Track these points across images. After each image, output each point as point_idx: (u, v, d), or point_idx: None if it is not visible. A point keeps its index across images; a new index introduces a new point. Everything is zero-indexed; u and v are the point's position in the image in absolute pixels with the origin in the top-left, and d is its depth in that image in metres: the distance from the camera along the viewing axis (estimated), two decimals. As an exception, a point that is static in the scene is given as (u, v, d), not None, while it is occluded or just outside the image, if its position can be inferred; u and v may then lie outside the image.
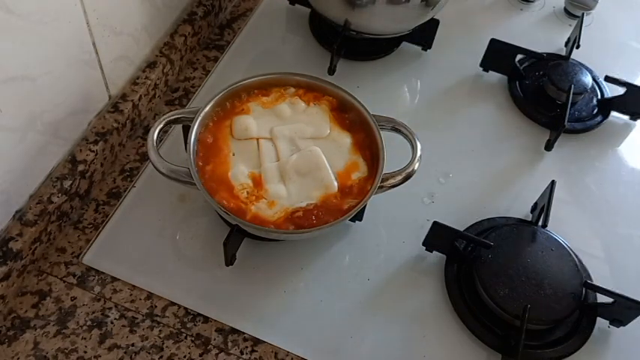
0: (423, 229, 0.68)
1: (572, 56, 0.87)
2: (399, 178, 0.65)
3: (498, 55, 0.85)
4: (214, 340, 0.62)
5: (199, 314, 0.64)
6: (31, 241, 0.62)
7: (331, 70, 0.83)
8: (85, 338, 0.61)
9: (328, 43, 0.86)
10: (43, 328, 0.61)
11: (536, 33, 0.94)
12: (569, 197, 0.76)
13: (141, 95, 0.75)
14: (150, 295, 0.64)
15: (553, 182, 0.71)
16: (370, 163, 0.66)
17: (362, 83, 0.84)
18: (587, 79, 0.83)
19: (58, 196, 0.65)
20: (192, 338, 0.62)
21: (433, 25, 0.85)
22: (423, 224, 0.70)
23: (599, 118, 0.84)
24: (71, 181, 0.66)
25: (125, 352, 0.61)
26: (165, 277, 0.65)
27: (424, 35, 0.87)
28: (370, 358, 0.63)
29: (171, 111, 0.67)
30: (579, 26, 0.87)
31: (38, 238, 0.63)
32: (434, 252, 0.69)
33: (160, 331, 0.62)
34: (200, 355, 0.61)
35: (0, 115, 0.56)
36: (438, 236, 0.67)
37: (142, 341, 0.61)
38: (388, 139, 0.67)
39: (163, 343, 0.62)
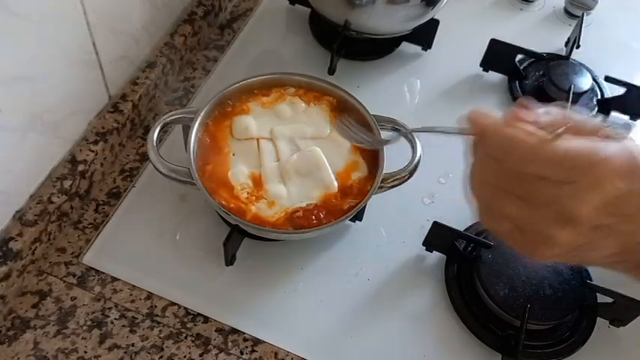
0: (423, 229, 0.68)
1: (572, 56, 0.87)
2: (399, 178, 0.65)
3: (498, 55, 0.85)
4: (214, 340, 0.62)
5: (199, 314, 0.64)
6: (31, 241, 0.62)
7: (331, 70, 0.83)
8: (85, 338, 0.61)
9: (328, 43, 0.86)
10: (43, 328, 0.61)
11: (536, 33, 0.94)
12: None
13: (141, 95, 0.75)
14: (150, 295, 0.64)
15: (553, 182, 0.71)
16: (370, 163, 0.66)
17: (362, 83, 0.84)
18: (587, 79, 0.83)
19: (58, 196, 0.65)
20: (192, 338, 0.62)
21: (433, 25, 0.85)
22: (423, 224, 0.70)
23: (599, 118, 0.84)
24: (71, 181, 0.66)
25: (125, 352, 0.61)
26: (165, 277, 0.65)
27: (424, 35, 0.87)
28: (370, 358, 0.63)
29: (171, 111, 0.67)
30: (579, 26, 0.87)
31: (38, 238, 0.63)
32: (434, 252, 0.69)
33: (160, 331, 0.62)
34: (200, 355, 0.61)
35: (0, 115, 0.56)
36: (438, 236, 0.67)
37: (142, 341, 0.61)
38: (388, 139, 0.67)
39: (163, 343, 0.62)
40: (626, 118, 0.85)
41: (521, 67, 0.87)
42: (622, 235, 0.40)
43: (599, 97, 0.86)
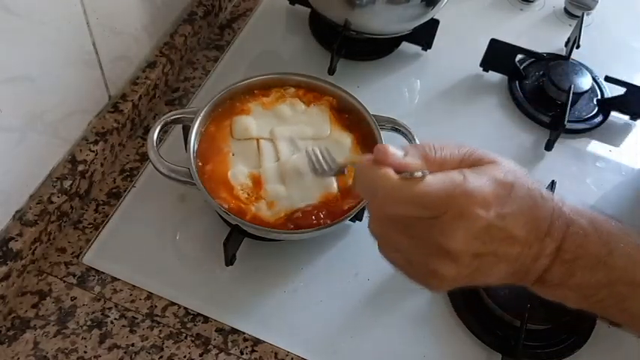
0: (423, 229, 0.68)
1: (572, 56, 0.87)
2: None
3: (498, 55, 0.85)
4: (214, 340, 0.62)
5: (199, 314, 0.64)
6: (31, 241, 0.62)
7: (331, 70, 0.83)
8: (85, 338, 0.61)
9: (328, 43, 0.86)
10: (43, 328, 0.61)
11: (536, 33, 0.94)
12: (569, 197, 0.75)
13: (141, 95, 0.75)
14: (150, 295, 0.64)
15: (553, 182, 0.71)
16: (370, 163, 0.66)
17: (362, 83, 0.84)
18: (587, 79, 0.83)
19: (58, 196, 0.65)
20: (192, 338, 0.62)
21: (433, 25, 0.85)
22: (423, 224, 0.70)
23: (599, 118, 0.84)
24: (71, 181, 0.66)
25: (125, 352, 0.61)
26: (166, 277, 0.65)
27: (424, 35, 0.87)
28: (370, 358, 0.63)
29: (171, 111, 0.67)
30: (579, 26, 0.87)
31: (38, 238, 0.63)
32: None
33: (160, 331, 0.62)
34: (200, 355, 0.61)
35: (0, 115, 0.56)
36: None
37: (142, 341, 0.61)
38: (388, 139, 0.67)
39: (163, 343, 0.62)
40: (626, 118, 0.86)
41: (521, 67, 0.87)
42: (510, 257, 0.41)
43: (599, 97, 0.86)
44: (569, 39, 0.91)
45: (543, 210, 0.42)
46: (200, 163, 0.64)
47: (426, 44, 0.88)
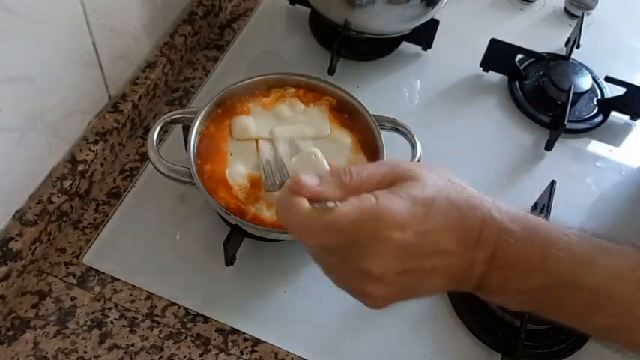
0: (423, 229, 0.68)
1: (572, 56, 0.87)
2: (399, 178, 0.65)
3: (498, 55, 0.85)
4: (214, 340, 0.62)
5: (199, 314, 0.64)
6: (31, 241, 0.62)
7: (331, 70, 0.83)
8: (85, 338, 0.61)
9: (328, 43, 0.86)
10: (43, 328, 0.61)
11: (536, 33, 0.94)
12: (569, 197, 0.76)
13: (141, 95, 0.75)
14: (150, 295, 0.64)
15: (553, 182, 0.71)
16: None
17: (362, 83, 0.84)
18: (587, 79, 0.83)
19: (58, 196, 0.65)
20: (192, 338, 0.62)
21: (433, 25, 0.85)
22: (423, 224, 0.70)
23: (599, 118, 0.84)
24: (71, 181, 0.66)
25: (125, 352, 0.61)
26: (165, 277, 0.65)
27: (424, 35, 0.87)
28: (370, 358, 0.63)
29: (171, 111, 0.67)
30: (579, 26, 0.87)
31: (38, 238, 0.63)
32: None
33: (160, 331, 0.62)
34: (200, 355, 0.61)
35: (0, 115, 0.56)
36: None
37: (142, 341, 0.61)
38: (388, 139, 0.67)
39: (163, 343, 0.62)
40: (626, 118, 0.86)
41: (521, 67, 0.87)
42: (440, 269, 0.41)
43: (599, 97, 0.87)
44: (569, 39, 0.91)
45: (471, 220, 0.41)
46: (199, 163, 0.64)
47: (426, 44, 0.88)
